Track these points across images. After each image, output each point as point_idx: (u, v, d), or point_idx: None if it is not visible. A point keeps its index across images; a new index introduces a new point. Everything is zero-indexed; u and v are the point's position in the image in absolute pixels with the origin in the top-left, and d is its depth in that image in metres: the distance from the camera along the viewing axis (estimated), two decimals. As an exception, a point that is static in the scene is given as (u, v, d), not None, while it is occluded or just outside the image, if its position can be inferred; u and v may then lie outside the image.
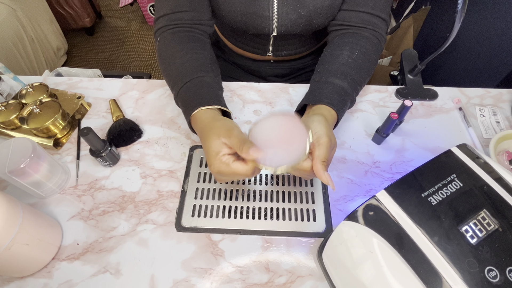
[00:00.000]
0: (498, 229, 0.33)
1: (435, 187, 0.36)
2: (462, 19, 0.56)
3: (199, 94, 0.50)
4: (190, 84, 0.51)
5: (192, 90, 0.51)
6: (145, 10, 2.04)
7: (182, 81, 0.52)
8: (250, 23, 0.61)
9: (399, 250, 0.33)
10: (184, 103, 0.51)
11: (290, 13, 0.59)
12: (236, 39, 0.73)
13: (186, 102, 0.51)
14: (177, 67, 0.54)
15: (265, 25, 0.61)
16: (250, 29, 0.63)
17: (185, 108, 0.51)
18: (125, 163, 0.58)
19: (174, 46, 0.56)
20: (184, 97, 0.51)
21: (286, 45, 0.70)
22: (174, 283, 0.45)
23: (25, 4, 1.49)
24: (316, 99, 0.51)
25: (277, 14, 0.59)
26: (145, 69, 1.90)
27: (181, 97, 0.52)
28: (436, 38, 1.29)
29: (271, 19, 0.60)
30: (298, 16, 0.59)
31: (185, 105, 0.51)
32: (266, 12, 0.59)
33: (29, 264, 0.44)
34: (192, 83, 0.52)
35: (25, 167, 0.46)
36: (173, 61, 0.55)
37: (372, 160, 0.58)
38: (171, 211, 0.52)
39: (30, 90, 0.62)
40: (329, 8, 0.59)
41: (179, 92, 0.52)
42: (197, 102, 0.49)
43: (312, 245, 0.49)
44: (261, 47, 0.71)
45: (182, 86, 0.52)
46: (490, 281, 0.30)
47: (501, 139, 0.56)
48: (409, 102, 0.52)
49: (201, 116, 0.48)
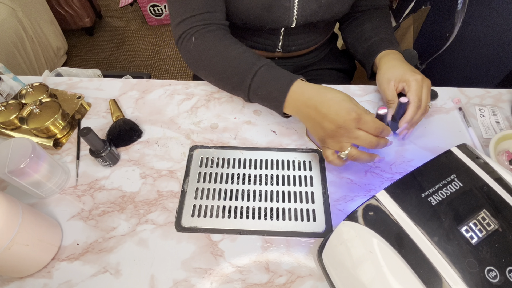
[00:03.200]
0: (498, 229, 0.33)
1: (435, 187, 0.36)
2: (462, 19, 0.56)
3: (286, 73, 0.52)
4: (267, 67, 0.52)
5: (275, 70, 0.52)
6: (145, 10, 2.04)
7: (254, 66, 0.52)
8: (269, 16, 0.61)
9: (399, 250, 0.33)
10: (271, 81, 0.51)
11: (311, 3, 0.60)
12: (246, 37, 0.73)
13: (275, 80, 0.51)
14: (237, 57, 0.54)
15: (285, 17, 0.62)
16: (268, 23, 0.63)
17: (276, 84, 0.51)
18: (125, 163, 0.58)
19: (220, 41, 0.56)
20: (267, 77, 0.52)
21: (296, 39, 0.71)
22: (174, 283, 0.45)
23: (25, 4, 1.49)
24: (382, 49, 0.63)
25: (297, 4, 0.60)
26: (145, 69, 1.90)
27: (262, 79, 0.52)
28: (436, 38, 1.29)
29: (291, 10, 0.60)
30: (318, 5, 0.60)
31: (274, 82, 0.51)
32: (288, 3, 0.59)
33: (29, 264, 0.44)
34: (268, 65, 0.53)
35: (25, 167, 0.46)
36: (228, 53, 0.55)
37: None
38: (171, 211, 0.52)
39: (30, 90, 0.62)
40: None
41: (255, 75, 0.52)
42: (290, 76, 0.51)
43: (312, 245, 0.49)
44: (271, 43, 0.71)
45: (259, 68, 0.52)
46: (490, 281, 0.30)
47: (501, 139, 0.56)
48: (404, 99, 0.53)
49: (304, 85, 0.50)
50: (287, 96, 0.50)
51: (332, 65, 0.82)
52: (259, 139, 0.61)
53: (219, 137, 0.61)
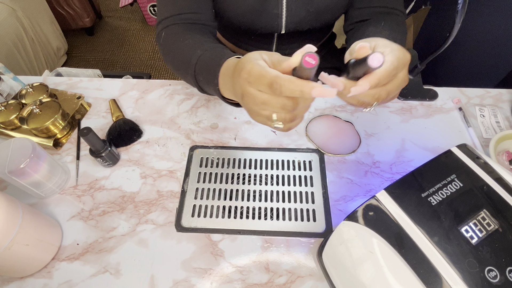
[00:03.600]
0: (498, 229, 0.33)
1: (435, 187, 0.36)
2: (462, 19, 0.56)
3: (223, 52, 0.46)
4: (209, 51, 0.48)
5: (213, 52, 0.47)
6: (145, 10, 2.04)
7: (199, 51, 0.48)
8: (259, 21, 0.61)
9: (399, 250, 0.33)
10: (207, 64, 0.47)
11: (299, 10, 0.59)
12: (239, 40, 0.73)
13: (211, 61, 0.46)
14: (191, 45, 0.51)
15: (273, 23, 0.61)
16: (258, 28, 0.63)
17: (209, 67, 0.46)
18: (125, 163, 0.58)
19: (184, 34, 0.54)
20: (205, 61, 0.47)
21: (289, 43, 0.71)
22: (174, 283, 0.45)
23: (25, 4, 1.49)
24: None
25: (286, 11, 0.59)
26: (145, 69, 1.90)
27: (201, 64, 0.48)
28: (436, 38, 1.29)
29: (280, 17, 0.60)
30: (307, 13, 0.60)
31: (209, 65, 0.46)
32: (276, 10, 0.59)
33: (29, 264, 0.44)
34: (210, 49, 0.48)
35: (25, 167, 0.46)
36: (184, 41, 0.52)
37: (372, 160, 0.58)
38: (171, 211, 0.52)
39: (30, 90, 0.62)
40: (336, 4, 0.60)
41: (197, 61, 0.48)
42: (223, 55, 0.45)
43: (312, 245, 0.49)
44: (265, 46, 0.71)
45: (200, 55, 0.48)
46: (490, 281, 0.30)
47: (501, 139, 0.56)
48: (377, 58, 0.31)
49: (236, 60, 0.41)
50: (219, 75, 0.43)
51: (330, 64, 0.82)
52: (259, 139, 0.61)
53: (219, 137, 0.61)
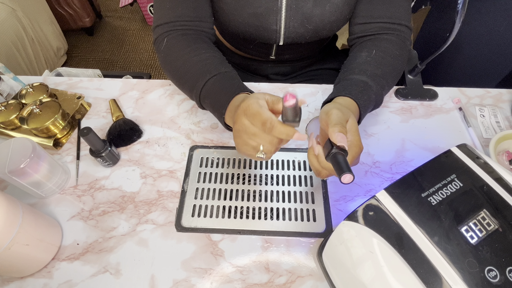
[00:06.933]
0: (498, 229, 0.33)
1: (435, 187, 0.36)
2: (462, 19, 0.56)
3: (235, 84, 0.51)
4: (219, 77, 0.51)
5: (224, 81, 0.51)
6: (145, 10, 2.04)
7: (208, 74, 0.51)
8: (257, 34, 0.62)
9: (399, 250, 0.33)
10: (217, 92, 0.50)
11: (297, 27, 0.60)
12: (240, 43, 0.73)
13: (221, 91, 0.50)
14: (197, 63, 0.53)
15: (272, 37, 0.62)
16: (256, 39, 0.63)
17: (220, 96, 0.50)
18: (125, 163, 0.58)
19: (188, 45, 0.55)
20: (215, 88, 0.51)
21: (289, 49, 0.71)
22: (174, 283, 0.45)
23: (25, 4, 1.49)
24: (332, 95, 0.51)
25: (284, 28, 0.60)
26: (145, 69, 1.90)
27: (210, 88, 0.51)
28: (436, 38, 1.29)
29: (278, 32, 0.61)
30: (305, 30, 0.60)
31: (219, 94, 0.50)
32: (274, 26, 0.60)
33: (29, 264, 0.44)
34: (220, 76, 0.51)
35: (25, 167, 0.46)
36: (190, 59, 0.54)
37: (372, 160, 0.58)
38: (171, 211, 0.52)
39: (30, 90, 0.62)
40: (335, 22, 0.60)
41: (205, 84, 0.51)
42: (236, 89, 0.49)
43: (312, 245, 0.49)
44: (265, 51, 0.72)
45: (209, 78, 0.51)
46: (490, 281, 0.30)
47: (501, 139, 0.56)
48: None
49: (242, 97, 0.46)
50: (226, 110, 0.48)
51: (331, 65, 0.81)
52: (259, 139, 0.61)
53: (219, 137, 0.61)
